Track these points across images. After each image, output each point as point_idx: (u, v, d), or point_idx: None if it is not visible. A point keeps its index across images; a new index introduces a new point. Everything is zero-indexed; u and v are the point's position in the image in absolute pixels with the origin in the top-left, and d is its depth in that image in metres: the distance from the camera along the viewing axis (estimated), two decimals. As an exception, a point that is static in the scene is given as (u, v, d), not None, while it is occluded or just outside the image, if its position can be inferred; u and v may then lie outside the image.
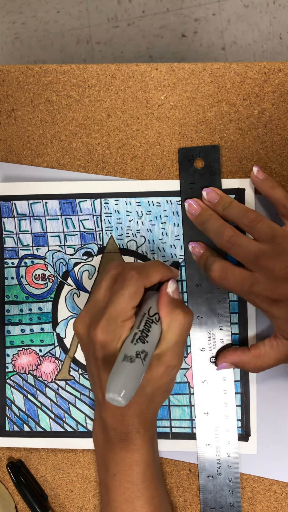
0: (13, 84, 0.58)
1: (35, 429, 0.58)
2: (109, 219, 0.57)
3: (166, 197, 0.56)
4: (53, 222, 0.57)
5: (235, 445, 0.55)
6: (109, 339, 0.45)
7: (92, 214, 0.57)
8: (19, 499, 0.60)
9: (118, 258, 0.57)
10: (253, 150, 0.56)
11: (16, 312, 0.58)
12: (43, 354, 0.58)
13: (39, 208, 0.57)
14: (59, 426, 0.58)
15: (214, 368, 0.55)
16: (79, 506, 0.59)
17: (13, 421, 0.58)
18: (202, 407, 0.55)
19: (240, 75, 0.55)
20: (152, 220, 0.56)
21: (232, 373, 0.55)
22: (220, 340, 0.55)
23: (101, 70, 0.57)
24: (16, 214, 0.58)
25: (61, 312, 0.58)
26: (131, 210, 0.56)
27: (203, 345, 0.55)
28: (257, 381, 0.56)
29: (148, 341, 0.45)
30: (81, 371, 0.58)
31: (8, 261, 0.58)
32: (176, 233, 0.56)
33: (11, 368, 0.59)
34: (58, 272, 0.58)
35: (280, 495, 0.56)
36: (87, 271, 0.57)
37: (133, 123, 0.57)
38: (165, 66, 0.56)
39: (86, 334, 0.48)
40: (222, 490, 0.55)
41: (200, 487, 0.55)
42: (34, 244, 0.58)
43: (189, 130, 0.56)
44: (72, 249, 0.58)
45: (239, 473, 0.55)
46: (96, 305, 0.49)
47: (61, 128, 0.58)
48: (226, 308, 0.55)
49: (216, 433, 0.55)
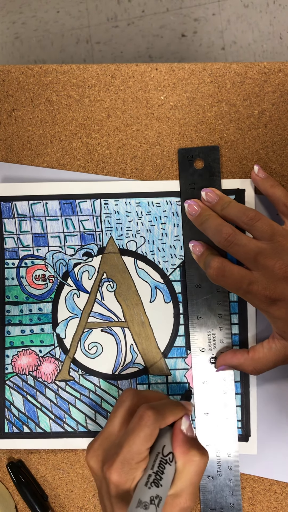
0: (13, 84, 0.58)
1: (35, 430, 0.58)
2: (109, 219, 0.57)
3: (166, 197, 0.56)
4: (53, 223, 0.57)
5: (235, 446, 0.55)
6: (122, 481, 0.44)
7: (92, 214, 0.57)
8: (19, 499, 0.60)
9: (118, 259, 0.57)
10: (253, 150, 0.56)
11: (16, 312, 0.58)
12: (43, 355, 0.58)
13: (40, 208, 0.57)
14: (59, 427, 0.58)
15: (214, 368, 0.55)
16: (79, 506, 0.59)
17: (12, 422, 0.58)
18: (202, 407, 0.55)
19: (240, 75, 0.55)
20: (152, 221, 0.56)
21: (232, 373, 0.55)
22: (220, 341, 0.55)
23: (101, 70, 0.57)
24: (16, 214, 0.58)
25: (61, 313, 0.58)
26: (131, 210, 0.56)
27: (203, 346, 0.55)
28: (257, 381, 0.56)
29: (163, 484, 0.44)
30: (81, 372, 0.58)
31: (8, 262, 0.58)
32: (175, 234, 0.56)
33: (11, 369, 0.58)
34: (58, 272, 0.58)
35: (280, 495, 0.56)
36: (87, 271, 0.57)
37: (133, 123, 0.57)
38: (165, 66, 0.56)
39: (99, 470, 0.47)
40: (222, 490, 0.55)
41: (200, 487, 0.55)
42: (35, 244, 0.58)
43: (189, 130, 0.56)
44: (72, 249, 0.57)
45: (239, 473, 0.55)
46: (109, 438, 0.48)
47: (61, 128, 0.58)
48: (226, 309, 0.55)
49: (216, 434, 0.55)
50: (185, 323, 0.57)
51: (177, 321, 0.57)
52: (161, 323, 0.57)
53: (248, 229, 0.50)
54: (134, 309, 0.57)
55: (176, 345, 0.57)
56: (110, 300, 0.57)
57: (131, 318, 0.57)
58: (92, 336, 0.58)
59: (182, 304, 0.57)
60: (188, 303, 0.55)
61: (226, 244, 0.50)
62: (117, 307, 0.57)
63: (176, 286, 0.57)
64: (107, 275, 0.57)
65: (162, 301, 0.57)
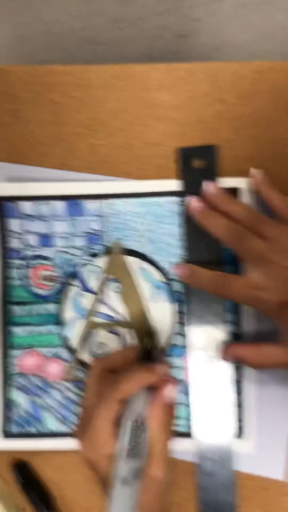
0: (17, 84, 0.58)
1: (41, 430, 0.58)
2: (114, 220, 0.57)
3: (167, 197, 0.56)
4: (59, 223, 0.57)
5: (232, 444, 0.55)
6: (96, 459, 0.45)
7: (98, 215, 0.57)
8: (24, 501, 0.59)
9: (122, 259, 0.57)
10: (249, 149, 0.56)
11: (22, 313, 0.58)
12: (49, 356, 0.58)
13: (45, 209, 0.57)
14: (64, 427, 0.58)
15: (212, 367, 0.55)
16: (86, 507, 0.59)
17: (17, 422, 0.58)
18: (199, 406, 0.56)
19: (238, 74, 0.55)
20: (154, 221, 0.56)
21: (230, 372, 0.55)
22: (218, 340, 0.55)
23: (103, 70, 0.57)
24: (22, 214, 0.58)
25: (68, 313, 0.58)
26: (135, 210, 0.57)
27: (201, 344, 0.55)
28: (254, 380, 0.56)
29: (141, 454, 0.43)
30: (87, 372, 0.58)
31: (14, 262, 0.58)
32: (177, 233, 0.56)
33: (16, 369, 0.58)
34: (64, 273, 0.58)
35: (275, 494, 0.56)
36: (93, 272, 0.57)
37: (133, 123, 0.57)
38: (165, 66, 0.56)
39: None
40: (219, 489, 0.55)
41: (197, 486, 0.55)
42: (40, 245, 0.58)
43: (189, 130, 0.56)
44: (78, 250, 0.57)
45: (237, 472, 0.56)
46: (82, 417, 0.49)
47: (64, 129, 0.58)
48: (225, 308, 0.55)
49: (213, 432, 0.55)
50: (184, 322, 0.57)
51: (176, 319, 0.57)
52: (162, 322, 0.57)
53: (253, 229, 0.49)
54: (137, 309, 0.57)
55: (175, 343, 0.57)
56: (115, 301, 0.57)
57: (135, 319, 0.57)
58: (98, 336, 0.58)
59: (182, 303, 0.57)
60: (188, 302, 0.56)
61: (234, 243, 0.49)
62: (122, 307, 0.57)
63: (177, 285, 0.57)
64: (113, 276, 0.57)
65: (164, 300, 0.57)
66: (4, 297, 0.58)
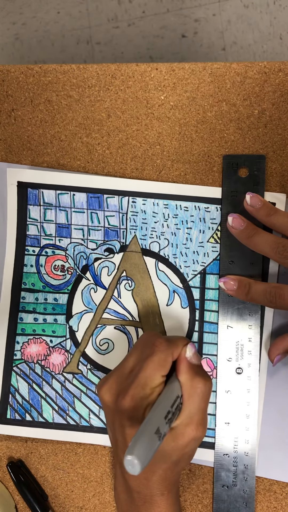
0: (13, 84, 0.58)
1: (37, 419, 0.58)
2: (134, 218, 0.57)
3: (195, 202, 0.56)
4: (78, 215, 0.57)
5: (253, 458, 0.55)
6: (137, 406, 0.45)
7: (118, 211, 0.57)
8: (19, 499, 0.59)
9: (139, 258, 0.57)
10: (253, 150, 0.56)
11: (31, 300, 0.58)
12: (53, 345, 0.58)
13: (66, 199, 0.57)
14: (61, 419, 0.58)
15: (239, 378, 0.55)
16: (79, 506, 0.59)
17: (15, 409, 0.58)
18: (223, 417, 0.56)
19: (240, 75, 0.55)
20: (178, 224, 0.57)
21: (257, 385, 0.55)
22: (248, 352, 0.55)
23: (101, 70, 0.57)
24: (42, 202, 0.57)
25: (76, 306, 0.58)
26: (158, 211, 0.57)
27: (230, 355, 0.55)
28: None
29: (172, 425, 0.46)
30: (89, 366, 0.58)
31: (29, 249, 0.58)
32: (200, 240, 0.56)
33: (19, 356, 0.58)
34: (77, 265, 0.58)
35: (280, 495, 0.56)
36: (107, 267, 0.57)
37: (133, 123, 0.57)
38: (165, 66, 0.56)
39: (113, 402, 0.48)
40: (236, 501, 0.55)
41: (214, 496, 0.56)
42: (57, 234, 0.58)
43: (189, 130, 0.57)
44: (94, 243, 0.57)
45: (255, 485, 0.56)
46: (124, 372, 0.49)
47: (61, 128, 0.58)
48: (257, 320, 0.55)
49: (235, 444, 0.55)
50: (199, 330, 0.57)
51: (192, 327, 0.57)
52: (175, 328, 0.57)
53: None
54: (149, 310, 0.57)
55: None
56: (126, 299, 0.57)
57: (146, 319, 0.57)
58: (104, 332, 0.58)
59: (199, 311, 0.57)
60: (219, 312, 0.55)
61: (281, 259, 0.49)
62: (133, 306, 0.57)
63: (195, 292, 0.57)
64: (127, 274, 0.57)
65: (179, 306, 0.57)
66: (17, 282, 0.58)
